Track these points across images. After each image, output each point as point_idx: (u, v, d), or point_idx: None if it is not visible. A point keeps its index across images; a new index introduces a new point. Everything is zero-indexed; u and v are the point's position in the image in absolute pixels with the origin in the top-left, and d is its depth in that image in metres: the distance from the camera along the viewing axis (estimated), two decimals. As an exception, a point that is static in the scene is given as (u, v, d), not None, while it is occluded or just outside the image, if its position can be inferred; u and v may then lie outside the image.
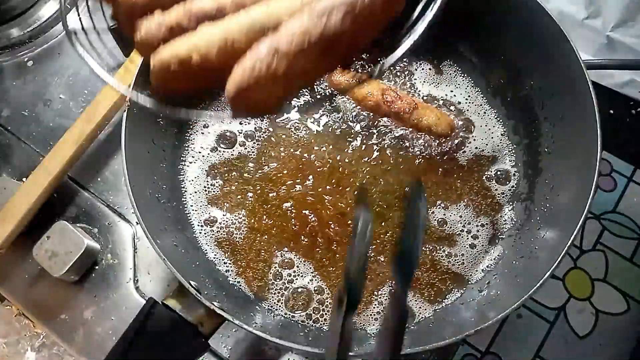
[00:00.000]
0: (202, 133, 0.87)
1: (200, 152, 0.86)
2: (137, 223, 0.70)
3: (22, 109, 0.97)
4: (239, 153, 0.86)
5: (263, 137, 0.86)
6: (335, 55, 0.46)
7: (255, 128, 0.87)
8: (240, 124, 0.88)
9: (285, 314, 0.76)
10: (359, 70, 0.52)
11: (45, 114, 0.96)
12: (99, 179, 0.91)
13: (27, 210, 0.82)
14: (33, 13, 1.05)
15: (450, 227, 0.80)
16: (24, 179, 0.88)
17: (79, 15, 0.57)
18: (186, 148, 0.86)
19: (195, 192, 0.83)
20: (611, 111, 0.91)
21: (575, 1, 0.93)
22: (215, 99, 0.88)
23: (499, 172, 0.84)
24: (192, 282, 0.62)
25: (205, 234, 0.81)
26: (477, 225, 0.81)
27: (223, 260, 0.79)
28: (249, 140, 0.86)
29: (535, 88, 0.82)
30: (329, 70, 0.49)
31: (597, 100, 0.68)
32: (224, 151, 0.86)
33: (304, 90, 0.83)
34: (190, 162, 0.85)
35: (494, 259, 0.79)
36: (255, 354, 0.78)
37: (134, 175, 0.70)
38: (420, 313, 0.76)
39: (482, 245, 0.79)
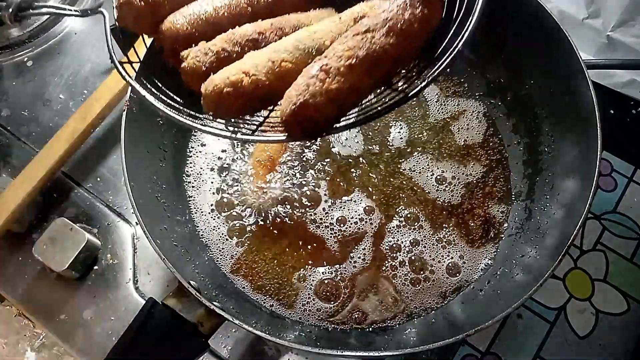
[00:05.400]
0: (204, 135, 0.87)
1: (201, 152, 0.86)
2: (137, 223, 0.70)
3: (21, 108, 0.97)
4: (242, 153, 0.86)
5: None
6: (382, 71, 0.48)
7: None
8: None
9: (286, 313, 0.76)
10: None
11: (45, 114, 0.96)
12: (98, 179, 0.91)
13: (17, 205, 0.82)
14: (33, 13, 1.05)
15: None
16: (23, 179, 0.87)
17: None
18: (186, 148, 0.86)
19: (196, 192, 0.83)
20: (611, 111, 0.91)
21: (575, 1, 0.93)
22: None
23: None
24: (192, 282, 0.62)
25: (205, 233, 0.81)
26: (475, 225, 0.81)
27: (223, 260, 0.79)
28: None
29: (535, 88, 0.82)
30: (378, 86, 0.50)
31: (597, 100, 0.68)
32: (226, 151, 0.86)
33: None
34: (191, 162, 0.85)
35: (494, 258, 0.79)
36: (255, 354, 0.78)
37: (134, 175, 0.70)
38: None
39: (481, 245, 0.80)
